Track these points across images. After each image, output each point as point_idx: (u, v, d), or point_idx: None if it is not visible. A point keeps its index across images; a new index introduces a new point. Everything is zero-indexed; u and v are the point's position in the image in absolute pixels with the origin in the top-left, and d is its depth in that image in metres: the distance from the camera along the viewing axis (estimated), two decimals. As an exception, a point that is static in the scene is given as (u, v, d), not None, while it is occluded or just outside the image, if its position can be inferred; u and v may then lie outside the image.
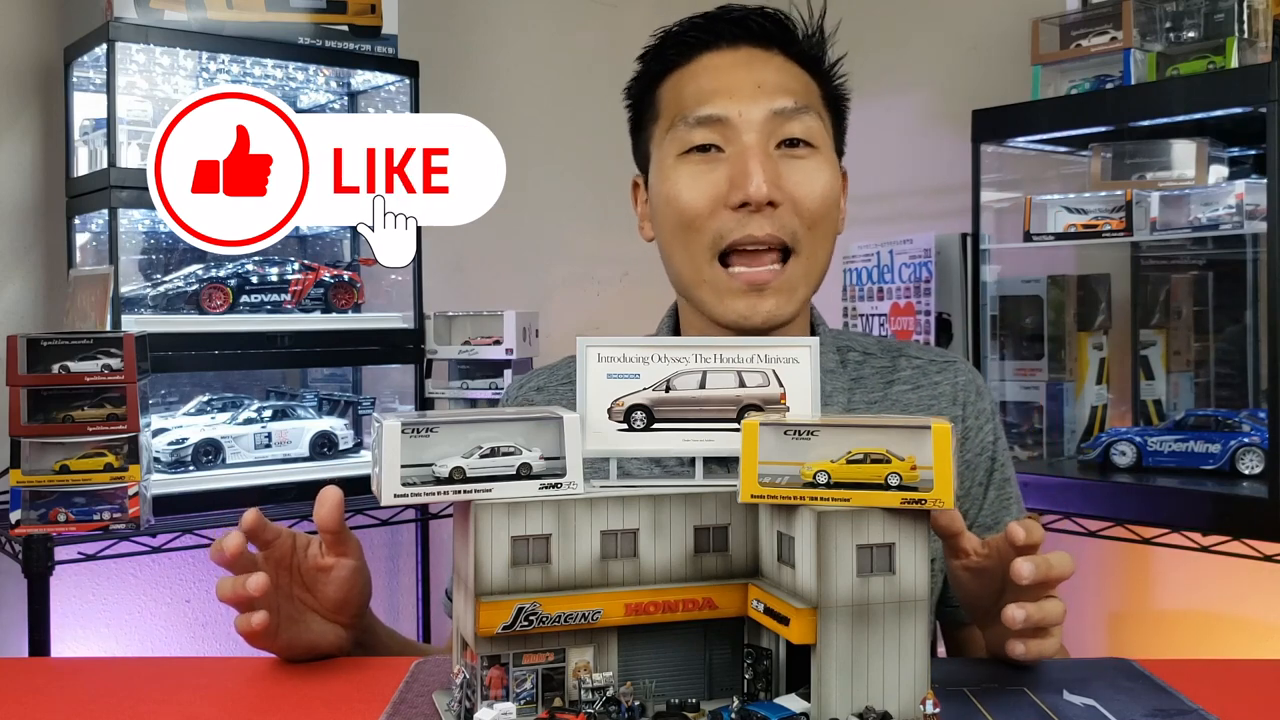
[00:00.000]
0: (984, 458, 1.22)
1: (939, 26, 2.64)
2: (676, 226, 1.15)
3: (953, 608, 1.20)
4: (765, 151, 1.12)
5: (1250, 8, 1.89)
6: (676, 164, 1.15)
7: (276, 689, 0.92)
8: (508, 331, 2.29)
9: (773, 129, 1.13)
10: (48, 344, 1.82)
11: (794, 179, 1.13)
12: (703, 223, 1.13)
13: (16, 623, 1.83)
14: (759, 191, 1.09)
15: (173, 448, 2.08)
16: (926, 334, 2.27)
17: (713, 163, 1.13)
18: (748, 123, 1.12)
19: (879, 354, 1.26)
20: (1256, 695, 0.90)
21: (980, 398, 1.24)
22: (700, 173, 1.13)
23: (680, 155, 1.15)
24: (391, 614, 2.58)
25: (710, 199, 1.12)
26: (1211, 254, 2.10)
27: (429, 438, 0.76)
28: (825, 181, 1.14)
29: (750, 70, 1.15)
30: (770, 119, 1.13)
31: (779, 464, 0.75)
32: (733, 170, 1.12)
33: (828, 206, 1.15)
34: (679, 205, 1.14)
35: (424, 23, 2.52)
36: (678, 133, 1.15)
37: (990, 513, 1.22)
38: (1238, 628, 2.14)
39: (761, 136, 1.12)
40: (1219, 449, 1.89)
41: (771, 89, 1.14)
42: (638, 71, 1.23)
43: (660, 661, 0.79)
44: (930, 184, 2.57)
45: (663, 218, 1.17)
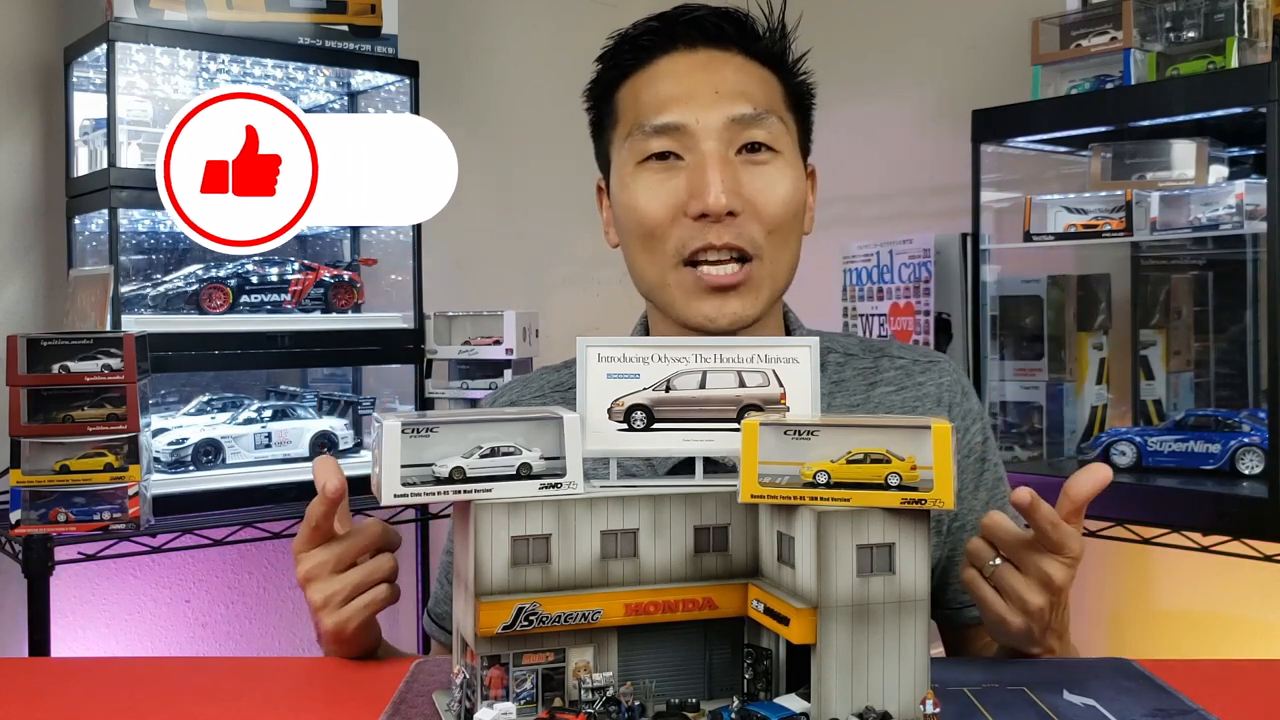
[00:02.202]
0: (972, 459, 1.20)
1: (939, 26, 2.64)
2: (638, 235, 1.13)
3: (952, 610, 1.20)
4: (724, 159, 1.10)
5: (1250, 8, 1.89)
6: (636, 172, 1.13)
7: (276, 689, 0.92)
8: (508, 331, 2.29)
9: (732, 135, 1.10)
10: (48, 344, 1.82)
11: (754, 186, 1.11)
12: (664, 231, 1.11)
13: (16, 623, 1.83)
14: (717, 203, 1.07)
15: (173, 448, 2.08)
16: (926, 334, 2.27)
17: (671, 170, 1.11)
18: (706, 130, 1.10)
19: (861, 354, 1.23)
20: (1256, 695, 0.90)
21: (966, 398, 1.22)
22: (659, 181, 1.11)
23: (639, 163, 1.13)
24: (391, 613, 2.58)
25: (670, 208, 1.11)
26: (1211, 254, 2.10)
27: (429, 438, 0.76)
28: (787, 188, 1.12)
29: (708, 74, 1.12)
30: (729, 125, 1.10)
31: (779, 464, 0.75)
32: (691, 180, 1.10)
33: (790, 212, 1.13)
34: (639, 215, 1.12)
35: (424, 23, 2.52)
36: (635, 141, 1.13)
37: (981, 514, 1.21)
38: (1238, 628, 2.14)
39: (720, 144, 1.10)
40: (1219, 449, 1.89)
41: (730, 94, 1.11)
42: (595, 74, 1.21)
43: (660, 661, 0.79)
44: (930, 184, 2.57)
45: (624, 225, 1.16)
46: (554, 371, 1.28)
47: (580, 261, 2.84)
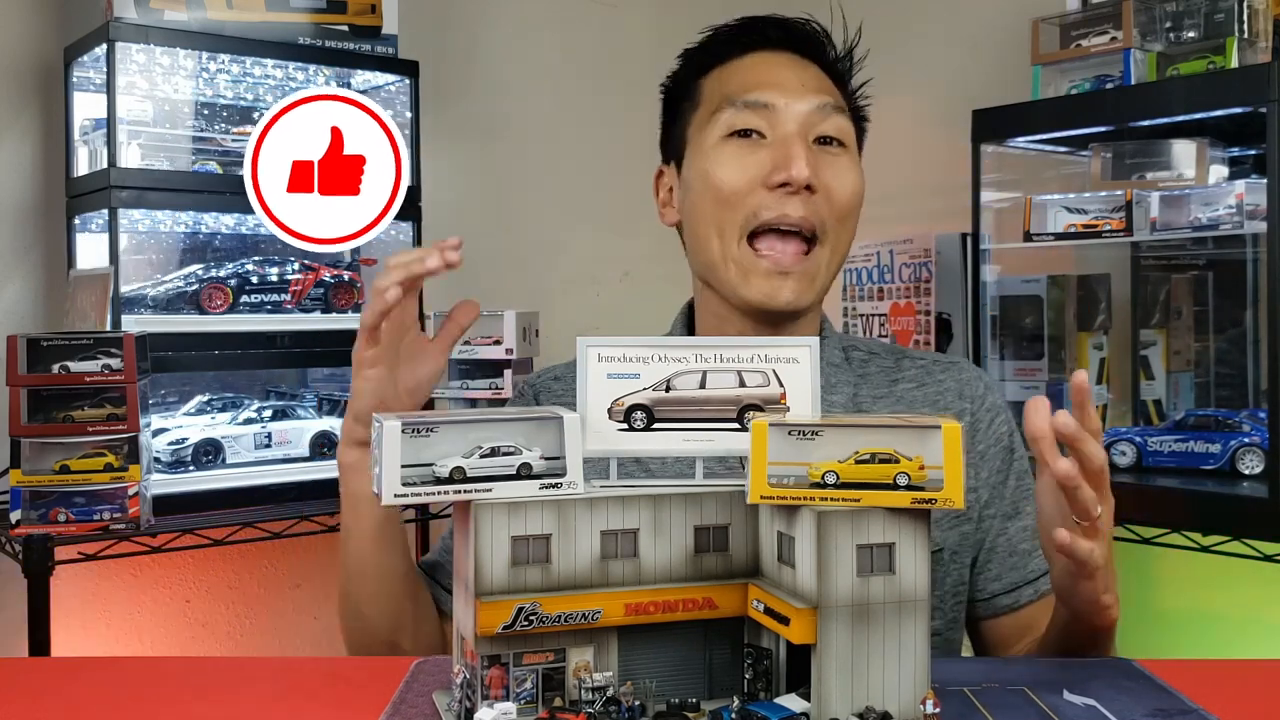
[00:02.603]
0: (999, 448, 1.25)
1: (939, 26, 2.64)
2: (712, 203, 1.19)
3: (980, 600, 1.22)
4: (805, 141, 1.18)
5: (1250, 8, 1.89)
6: (720, 144, 1.20)
7: (276, 689, 0.92)
8: (508, 331, 2.29)
9: (812, 123, 1.20)
10: (48, 344, 1.82)
11: (829, 171, 1.19)
12: (739, 199, 1.18)
13: (16, 623, 1.83)
14: (801, 173, 1.15)
15: (173, 448, 2.08)
16: (926, 334, 2.27)
17: (755, 146, 1.19)
18: (792, 113, 1.19)
19: (883, 354, 1.30)
20: (1256, 695, 0.90)
21: (990, 392, 1.27)
22: (742, 153, 1.19)
23: (724, 138, 1.20)
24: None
25: (750, 179, 1.18)
26: (1211, 254, 2.10)
27: (429, 438, 0.77)
28: (855, 179, 1.22)
29: (794, 70, 1.24)
30: (812, 113, 1.20)
31: (785, 464, 0.75)
32: (775, 153, 1.17)
33: (856, 202, 1.21)
34: (717, 181, 1.19)
35: (424, 23, 2.52)
36: (724, 115, 1.20)
37: (1011, 501, 1.25)
38: (1238, 628, 2.14)
39: (802, 128, 1.19)
40: (1219, 449, 1.89)
41: (813, 88, 1.22)
42: (681, 64, 1.30)
43: (660, 661, 0.79)
44: (930, 184, 2.57)
45: (697, 196, 1.22)
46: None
47: (580, 261, 2.84)
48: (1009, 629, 1.22)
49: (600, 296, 2.89)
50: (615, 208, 2.39)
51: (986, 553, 1.22)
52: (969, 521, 1.21)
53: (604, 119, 2.78)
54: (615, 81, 2.75)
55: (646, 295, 1.85)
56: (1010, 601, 1.22)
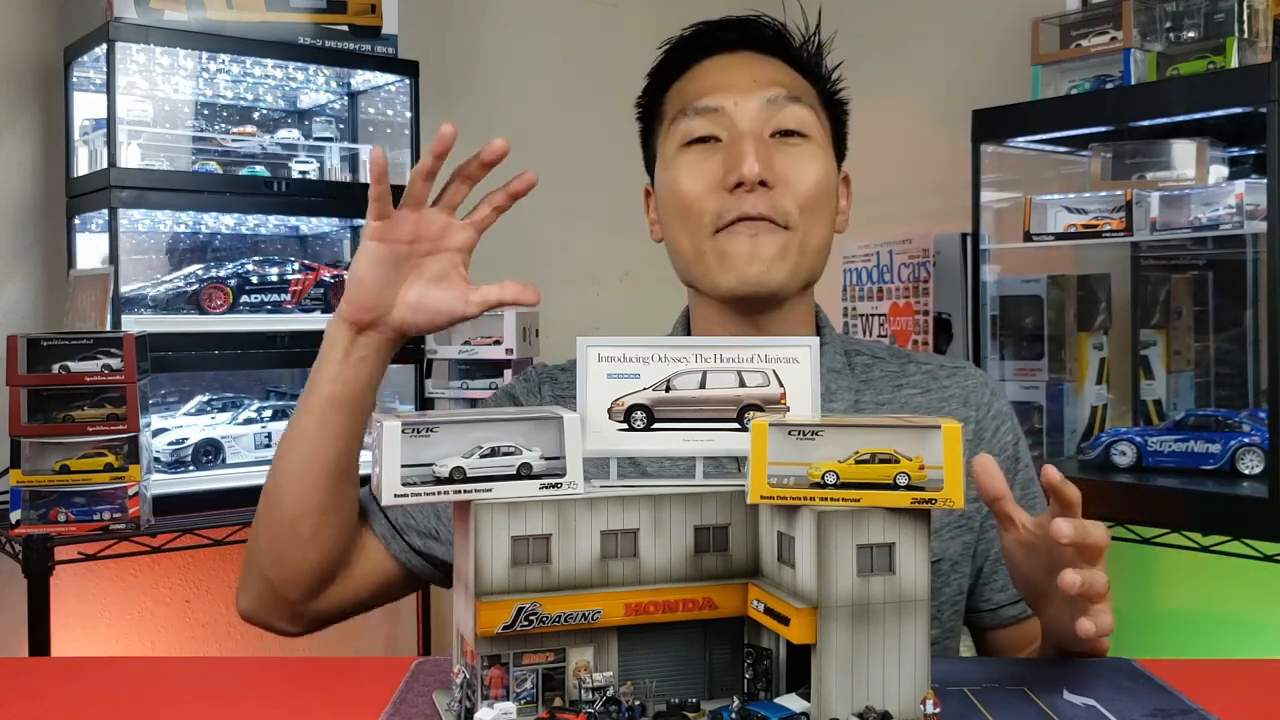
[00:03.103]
0: (1003, 457, 1.22)
1: (939, 26, 2.64)
2: (679, 213, 1.19)
3: (987, 611, 1.21)
4: (759, 138, 1.17)
5: (1250, 8, 1.89)
6: (678, 155, 1.20)
7: (276, 689, 0.92)
8: (508, 331, 2.29)
9: (766, 117, 1.18)
10: (48, 344, 1.82)
11: (786, 164, 1.17)
12: (701, 205, 1.17)
13: (16, 623, 1.83)
14: (750, 170, 1.13)
15: (173, 448, 2.08)
16: (926, 334, 2.27)
17: (711, 151, 1.19)
18: (742, 112, 1.18)
19: (887, 359, 1.28)
20: (1256, 695, 0.90)
21: (995, 398, 1.25)
22: (699, 160, 1.19)
23: (681, 147, 1.20)
24: (392, 612, 2.59)
25: (708, 184, 1.17)
26: (1211, 254, 2.10)
27: (429, 438, 0.76)
28: (818, 168, 1.18)
29: (747, 69, 1.21)
30: (764, 108, 1.18)
31: (785, 464, 0.75)
32: (727, 155, 1.17)
33: (821, 192, 1.18)
34: (678, 190, 1.19)
35: (424, 23, 2.52)
36: (679, 125, 1.20)
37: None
38: (1238, 628, 2.14)
39: (755, 124, 1.17)
40: (1219, 449, 1.89)
41: (765, 82, 1.19)
42: (648, 81, 1.29)
43: (660, 661, 0.79)
44: (930, 184, 2.57)
45: (666, 206, 1.22)
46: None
47: (580, 261, 2.84)
48: (1016, 639, 1.21)
49: (600, 296, 2.89)
50: (615, 208, 2.39)
51: (992, 564, 1.20)
52: (970, 531, 1.20)
53: (604, 119, 2.77)
54: (615, 81, 2.73)
55: (646, 295, 1.85)
56: (1017, 612, 1.20)
